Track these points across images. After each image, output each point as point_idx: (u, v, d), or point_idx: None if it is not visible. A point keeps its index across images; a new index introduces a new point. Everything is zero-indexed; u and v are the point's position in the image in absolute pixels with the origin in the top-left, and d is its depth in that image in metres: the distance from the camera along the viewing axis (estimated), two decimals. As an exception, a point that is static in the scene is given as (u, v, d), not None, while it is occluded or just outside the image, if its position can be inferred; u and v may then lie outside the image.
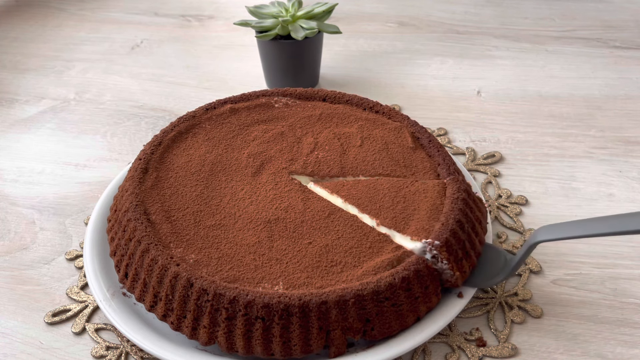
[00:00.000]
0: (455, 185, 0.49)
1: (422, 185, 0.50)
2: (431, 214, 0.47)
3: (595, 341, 0.46)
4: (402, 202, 0.48)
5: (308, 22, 0.72)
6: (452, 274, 0.45)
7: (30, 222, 0.60)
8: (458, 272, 0.45)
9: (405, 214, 0.47)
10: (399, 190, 0.49)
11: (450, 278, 0.45)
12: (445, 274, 0.45)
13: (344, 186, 0.51)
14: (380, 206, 0.48)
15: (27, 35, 0.96)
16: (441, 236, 0.44)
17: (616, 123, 0.72)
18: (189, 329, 0.43)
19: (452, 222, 0.45)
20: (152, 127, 0.73)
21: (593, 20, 0.95)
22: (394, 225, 0.47)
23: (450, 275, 0.45)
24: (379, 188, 0.50)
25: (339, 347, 0.43)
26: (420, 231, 0.45)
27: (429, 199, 0.48)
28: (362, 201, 0.49)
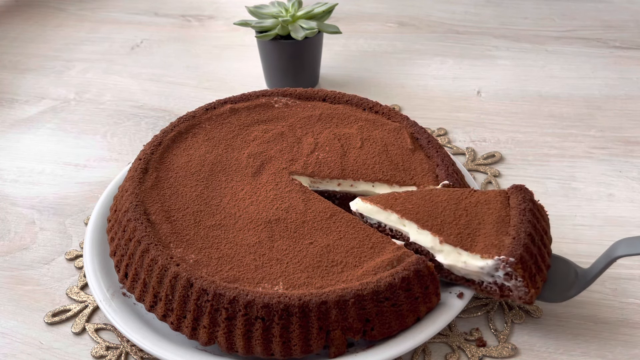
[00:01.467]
0: (519, 194, 0.46)
1: (482, 195, 0.47)
2: (499, 227, 0.44)
3: (596, 341, 0.46)
4: (465, 216, 0.45)
5: (308, 22, 0.72)
6: (527, 292, 0.42)
7: (30, 222, 0.60)
8: (533, 289, 0.42)
9: (470, 229, 0.44)
10: (458, 202, 0.46)
11: (524, 295, 0.43)
12: (518, 290, 0.43)
13: (397, 199, 0.48)
14: (442, 221, 0.45)
15: (27, 35, 0.96)
16: (515, 252, 0.42)
17: (616, 123, 0.72)
18: (189, 329, 0.43)
19: (523, 235, 0.43)
20: (152, 127, 0.73)
21: (593, 21, 0.95)
22: (460, 243, 0.44)
23: (525, 293, 0.43)
24: (436, 200, 0.47)
25: (338, 347, 0.43)
26: (490, 247, 0.42)
27: (493, 210, 0.45)
28: (421, 216, 0.45)
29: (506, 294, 0.44)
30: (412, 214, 0.46)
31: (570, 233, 0.56)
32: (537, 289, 0.43)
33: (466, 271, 0.44)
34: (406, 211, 0.46)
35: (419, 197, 0.47)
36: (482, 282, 0.45)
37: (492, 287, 0.44)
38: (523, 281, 0.42)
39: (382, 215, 0.47)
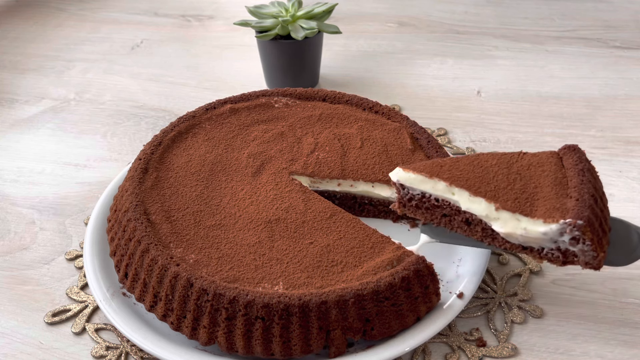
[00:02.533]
0: (574, 154, 0.42)
1: (533, 157, 0.43)
2: (558, 189, 0.40)
3: (595, 341, 0.46)
4: (519, 180, 0.41)
5: (308, 22, 0.72)
6: (595, 256, 0.39)
7: (30, 222, 0.60)
8: (601, 252, 0.39)
9: (527, 193, 0.40)
10: (510, 166, 0.43)
11: (591, 260, 0.39)
12: (586, 255, 0.39)
13: (443, 167, 0.44)
14: (495, 187, 0.41)
15: (27, 35, 0.96)
16: (582, 214, 0.38)
17: (616, 123, 0.72)
18: (189, 329, 0.43)
19: (587, 197, 0.39)
20: (152, 127, 0.73)
21: (593, 20, 0.95)
22: (519, 208, 0.40)
23: (592, 257, 0.39)
24: (485, 165, 0.43)
25: (338, 347, 0.43)
26: (553, 211, 0.39)
27: (548, 172, 0.42)
28: (472, 183, 0.42)
29: (570, 260, 0.40)
30: (462, 181, 0.42)
31: (570, 233, 0.56)
32: (604, 253, 0.39)
33: (526, 238, 0.41)
34: (455, 178, 0.42)
35: (467, 163, 0.44)
36: (543, 249, 0.41)
37: (554, 253, 0.41)
38: (591, 245, 0.38)
39: (427, 185, 0.44)
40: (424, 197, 0.45)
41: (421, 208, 0.46)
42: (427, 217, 0.47)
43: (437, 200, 0.44)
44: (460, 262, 0.50)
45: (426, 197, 0.45)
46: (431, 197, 0.45)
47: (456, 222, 0.45)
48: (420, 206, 0.46)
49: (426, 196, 0.45)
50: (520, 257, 0.53)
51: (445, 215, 0.45)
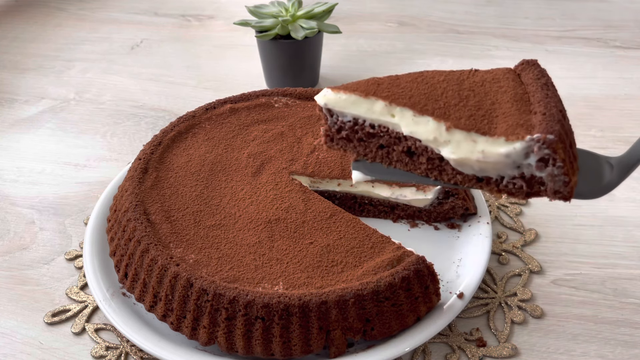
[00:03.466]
0: (534, 69, 0.36)
1: (487, 74, 0.37)
2: (519, 105, 0.34)
3: (596, 341, 0.46)
4: (473, 97, 0.35)
5: (308, 22, 0.72)
6: (567, 181, 0.32)
7: (30, 222, 0.60)
8: (574, 177, 0.33)
9: (484, 110, 0.34)
10: (460, 83, 0.36)
11: (562, 187, 0.32)
12: (556, 181, 0.32)
13: (380, 85, 0.36)
14: (445, 104, 0.34)
15: (26, 35, 0.96)
16: (552, 128, 0.31)
17: (616, 123, 0.71)
18: (189, 329, 0.43)
19: (555, 110, 0.33)
20: (152, 127, 0.73)
21: (593, 20, 0.95)
22: (475, 126, 0.33)
23: (564, 184, 0.32)
24: (431, 82, 0.36)
25: (339, 347, 0.42)
26: (516, 127, 0.32)
27: (506, 88, 0.35)
28: (416, 100, 0.35)
29: (536, 190, 0.34)
30: (404, 99, 0.35)
31: (571, 233, 0.56)
32: (576, 178, 0.33)
33: (483, 164, 0.33)
34: (396, 96, 0.35)
35: (409, 80, 0.36)
36: (503, 179, 0.34)
37: (516, 182, 0.34)
38: (563, 166, 0.32)
39: (362, 107, 0.36)
40: (356, 125, 0.37)
41: (352, 140, 0.38)
42: (360, 151, 0.39)
43: (372, 126, 0.37)
44: (460, 262, 0.50)
45: (359, 124, 0.37)
46: (365, 124, 0.37)
47: (396, 153, 0.37)
48: (351, 137, 0.38)
49: (359, 123, 0.37)
50: (521, 257, 0.53)
51: (382, 147, 0.38)
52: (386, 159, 0.38)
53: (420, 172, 0.37)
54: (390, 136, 0.37)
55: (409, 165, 0.38)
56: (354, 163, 0.41)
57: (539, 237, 0.56)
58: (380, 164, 0.39)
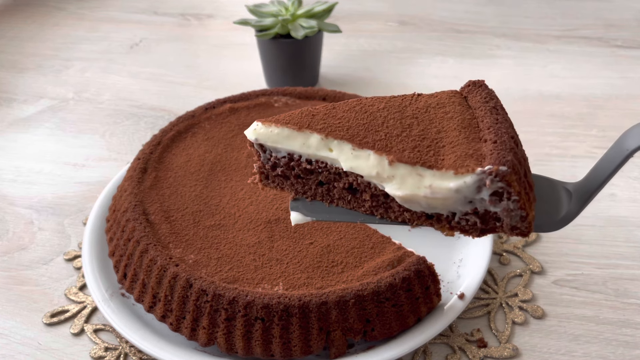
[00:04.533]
0: (481, 91, 0.34)
1: (431, 98, 0.34)
2: (467, 133, 0.31)
3: (597, 342, 0.46)
4: (417, 125, 0.32)
5: (308, 21, 0.72)
6: (525, 215, 0.29)
7: (29, 222, 0.59)
8: (531, 211, 0.30)
9: (429, 140, 0.31)
10: (402, 110, 0.33)
11: (519, 223, 0.30)
12: (512, 216, 0.30)
13: (315, 116, 0.33)
14: (386, 134, 0.32)
15: (25, 34, 0.96)
16: (504, 158, 0.29)
17: (618, 122, 0.71)
18: (188, 330, 0.43)
19: (506, 138, 0.30)
20: (151, 127, 0.73)
21: (595, 20, 0.95)
22: (420, 159, 0.30)
23: (521, 219, 0.30)
24: (370, 110, 0.33)
25: (339, 348, 0.42)
26: (465, 159, 0.30)
27: (453, 113, 0.33)
28: (355, 132, 0.32)
29: (491, 226, 0.31)
30: (341, 131, 0.32)
31: (572, 233, 0.56)
32: (533, 212, 0.30)
33: (431, 200, 0.31)
34: (332, 128, 0.32)
35: (346, 110, 0.33)
36: (454, 215, 0.31)
37: (469, 219, 0.31)
38: (518, 200, 0.29)
39: (296, 141, 0.33)
40: (292, 160, 0.34)
41: (289, 177, 0.35)
42: (298, 189, 0.35)
43: (309, 162, 0.34)
44: (461, 263, 0.50)
45: (295, 159, 0.34)
46: (301, 159, 0.34)
47: (337, 190, 0.34)
48: (287, 174, 0.35)
49: (295, 158, 0.34)
50: (522, 258, 0.53)
51: (322, 184, 0.35)
52: (327, 197, 0.35)
53: (364, 210, 0.34)
54: (330, 172, 0.34)
55: (351, 202, 0.35)
56: (292, 202, 0.37)
57: (540, 237, 0.55)
58: (321, 202, 0.36)
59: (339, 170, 0.33)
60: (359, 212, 0.35)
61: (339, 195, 0.35)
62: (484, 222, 0.31)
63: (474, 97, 0.34)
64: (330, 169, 0.34)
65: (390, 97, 0.35)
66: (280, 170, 0.35)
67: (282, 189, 0.36)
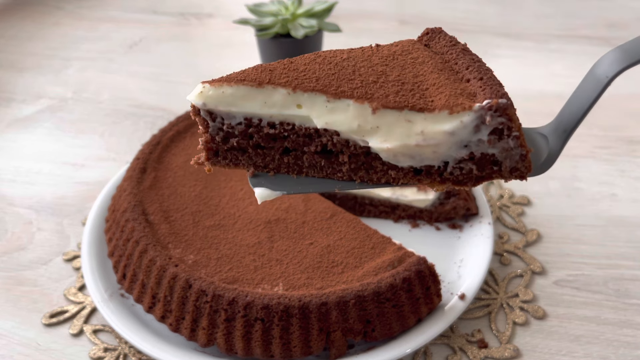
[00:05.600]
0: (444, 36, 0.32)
1: (393, 47, 0.31)
2: (448, 74, 0.28)
3: (598, 342, 0.46)
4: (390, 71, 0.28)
5: (308, 20, 0.72)
6: (525, 153, 0.27)
7: (28, 222, 0.59)
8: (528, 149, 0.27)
9: (410, 84, 0.27)
10: (368, 59, 0.29)
11: (519, 163, 0.27)
12: (512, 155, 0.27)
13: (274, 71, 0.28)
14: (362, 82, 0.27)
15: (24, 34, 0.96)
16: (499, 92, 0.26)
17: (619, 122, 0.71)
18: (188, 331, 0.43)
19: (491, 74, 0.28)
20: (151, 127, 0.73)
21: (596, 19, 0.94)
22: (407, 102, 0.26)
23: (521, 157, 0.27)
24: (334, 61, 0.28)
25: (339, 348, 0.42)
26: (457, 97, 0.26)
27: (423, 58, 0.29)
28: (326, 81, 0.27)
29: (488, 171, 0.28)
30: (311, 82, 0.27)
31: (573, 233, 0.56)
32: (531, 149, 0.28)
33: (422, 150, 0.27)
34: (299, 80, 0.27)
35: (306, 62, 0.28)
36: (446, 165, 0.28)
37: (463, 167, 0.28)
38: (519, 135, 0.26)
39: (255, 101, 0.27)
40: (250, 127, 0.28)
41: (246, 149, 0.28)
42: (257, 163, 0.29)
43: (272, 125, 0.28)
44: (461, 263, 0.50)
45: (254, 124, 0.28)
46: (262, 123, 0.28)
47: (307, 157, 0.29)
48: (244, 146, 0.28)
49: (254, 123, 0.28)
50: (522, 258, 0.53)
51: (287, 152, 0.29)
52: (294, 167, 0.29)
53: (341, 175, 0.29)
54: (298, 134, 0.28)
55: (325, 169, 0.29)
56: (252, 179, 0.30)
57: (541, 237, 0.55)
58: (287, 175, 0.30)
59: (309, 131, 0.28)
60: (334, 179, 0.29)
61: (310, 163, 0.29)
62: (481, 168, 0.28)
63: (437, 42, 0.31)
64: (299, 131, 0.28)
65: (349, 49, 0.30)
66: (236, 142, 0.28)
67: (236, 165, 0.29)
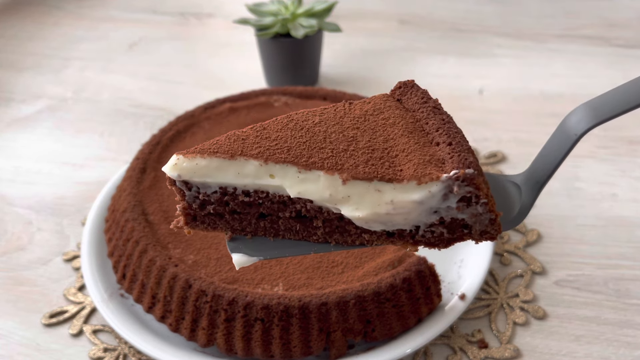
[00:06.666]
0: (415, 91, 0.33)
1: (365, 105, 0.32)
2: (417, 138, 0.29)
3: (599, 343, 0.46)
4: (361, 136, 0.29)
5: (308, 20, 0.72)
6: (494, 218, 0.29)
7: (27, 222, 0.59)
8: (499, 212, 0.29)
9: (379, 151, 0.29)
10: (340, 121, 0.30)
11: (488, 227, 0.29)
12: (481, 220, 0.28)
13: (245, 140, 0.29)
14: (333, 150, 0.28)
15: (24, 34, 0.96)
16: (467, 160, 0.28)
17: (619, 122, 0.70)
18: (188, 331, 0.43)
19: (459, 138, 0.29)
20: (151, 127, 0.73)
21: (596, 19, 0.94)
22: (377, 173, 0.28)
23: (490, 222, 0.29)
24: (306, 126, 0.30)
25: (339, 348, 0.42)
26: (425, 166, 0.28)
27: (394, 118, 0.30)
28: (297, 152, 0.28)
29: (459, 234, 0.29)
30: (281, 153, 0.28)
31: (573, 233, 0.56)
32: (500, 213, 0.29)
33: (392, 217, 0.28)
34: (270, 151, 0.28)
35: (278, 129, 0.29)
36: (417, 229, 0.29)
37: (434, 231, 0.29)
38: (487, 202, 0.27)
39: (228, 172, 0.28)
40: (225, 195, 0.29)
41: (223, 215, 0.30)
42: (234, 227, 0.31)
43: (247, 194, 0.29)
44: (461, 263, 0.50)
45: (229, 193, 0.29)
46: (237, 192, 0.29)
47: (282, 221, 0.30)
48: (221, 212, 0.30)
49: (229, 192, 0.29)
50: (523, 258, 0.53)
51: (263, 217, 0.30)
52: (270, 231, 0.31)
53: (316, 238, 0.31)
54: (273, 202, 0.29)
55: (300, 232, 0.31)
56: (230, 243, 0.31)
57: (542, 237, 0.55)
58: (264, 237, 0.31)
59: (283, 198, 0.29)
60: (310, 241, 0.31)
61: (286, 227, 0.31)
62: (451, 232, 0.29)
63: (409, 98, 0.32)
64: (273, 199, 0.29)
65: (321, 108, 0.32)
66: (212, 208, 0.30)
67: (214, 229, 0.31)
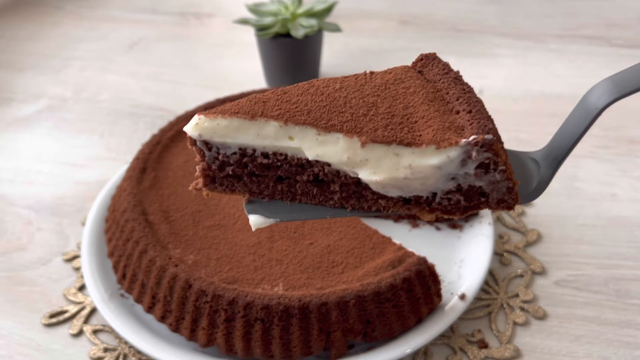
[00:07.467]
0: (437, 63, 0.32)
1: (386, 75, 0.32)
2: (438, 106, 0.29)
3: (599, 343, 0.46)
4: (381, 102, 0.30)
5: (308, 20, 0.72)
6: (511, 186, 0.28)
7: (27, 222, 0.59)
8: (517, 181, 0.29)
9: (399, 117, 0.29)
10: (361, 89, 0.31)
11: (506, 195, 0.28)
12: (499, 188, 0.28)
13: (267, 102, 0.29)
14: (353, 115, 0.29)
15: (24, 34, 0.96)
16: (486, 126, 0.27)
17: (619, 122, 0.71)
18: (188, 331, 0.43)
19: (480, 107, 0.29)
20: (151, 127, 0.73)
21: (596, 19, 0.94)
22: (396, 137, 0.28)
23: (508, 190, 0.28)
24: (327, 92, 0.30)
25: (339, 348, 0.42)
26: (444, 132, 0.27)
27: (415, 88, 0.31)
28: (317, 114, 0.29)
29: (475, 202, 0.29)
30: (302, 115, 0.28)
31: (574, 233, 0.55)
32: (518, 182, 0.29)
33: (410, 182, 0.28)
34: (291, 113, 0.29)
35: (299, 93, 0.30)
36: (434, 196, 0.29)
37: (451, 198, 0.29)
38: (505, 169, 0.27)
39: (248, 133, 0.29)
40: (244, 156, 0.30)
41: (242, 177, 0.30)
42: (253, 189, 0.31)
43: (266, 156, 0.29)
44: (462, 263, 0.50)
45: (248, 154, 0.30)
46: (256, 154, 0.30)
47: (300, 185, 0.30)
48: (239, 174, 0.30)
49: (248, 153, 0.30)
50: (523, 258, 0.53)
51: (281, 180, 0.31)
52: (288, 194, 0.31)
53: (333, 203, 0.31)
54: (291, 164, 0.30)
55: (317, 197, 0.31)
56: (248, 205, 0.32)
57: (542, 237, 0.55)
58: (281, 201, 0.31)
59: (302, 161, 0.29)
60: (326, 206, 0.31)
61: (303, 190, 0.31)
62: (468, 199, 0.29)
63: (430, 70, 0.32)
64: (291, 161, 0.30)
65: (342, 77, 0.32)
66: (231, 170, 0.30)
67: (232, 191, 0.32)
